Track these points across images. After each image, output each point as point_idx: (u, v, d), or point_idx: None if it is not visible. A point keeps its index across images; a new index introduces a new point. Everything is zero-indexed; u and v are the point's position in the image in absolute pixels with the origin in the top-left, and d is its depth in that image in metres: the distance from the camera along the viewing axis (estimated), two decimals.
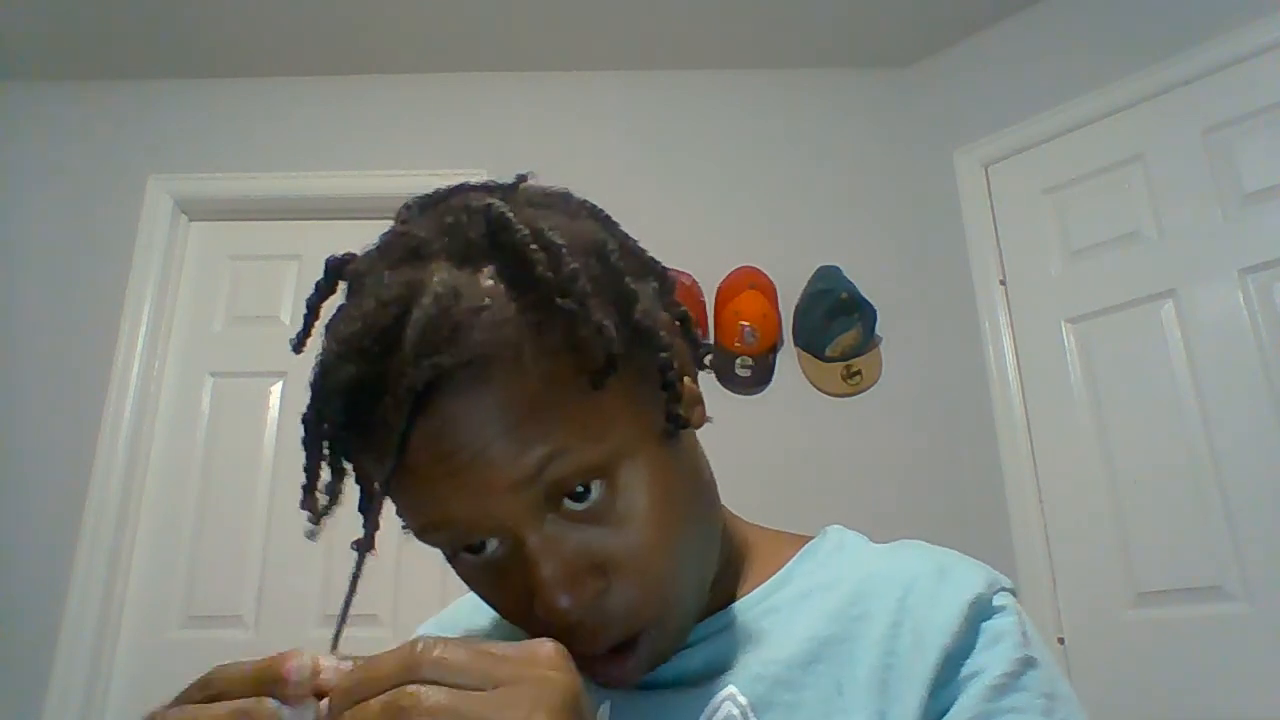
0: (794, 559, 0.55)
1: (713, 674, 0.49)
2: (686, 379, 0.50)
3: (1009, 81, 2.27)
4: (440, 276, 0.42)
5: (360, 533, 0.45)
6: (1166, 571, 1.80)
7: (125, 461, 2.11)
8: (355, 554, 0.43)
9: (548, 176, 0.53)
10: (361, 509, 0.48)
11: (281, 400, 2.23)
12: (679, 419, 0.46)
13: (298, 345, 0.48)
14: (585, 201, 0.51)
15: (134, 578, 2.08)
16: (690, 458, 0.49)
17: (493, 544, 0.44)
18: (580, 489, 0.43)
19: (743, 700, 0.47)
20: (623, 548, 0.44)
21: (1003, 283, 2.19)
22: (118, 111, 2.44)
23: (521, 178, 0.51)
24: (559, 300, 0.41)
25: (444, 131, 2.43)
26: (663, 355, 0.45)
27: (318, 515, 0.47)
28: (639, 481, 0.44)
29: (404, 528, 0.47)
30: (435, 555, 0.49)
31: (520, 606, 0.44)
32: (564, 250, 0.42)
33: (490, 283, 0.43)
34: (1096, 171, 2.08)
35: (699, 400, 0.51)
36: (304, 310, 0.48)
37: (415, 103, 2.45)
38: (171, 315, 2.30)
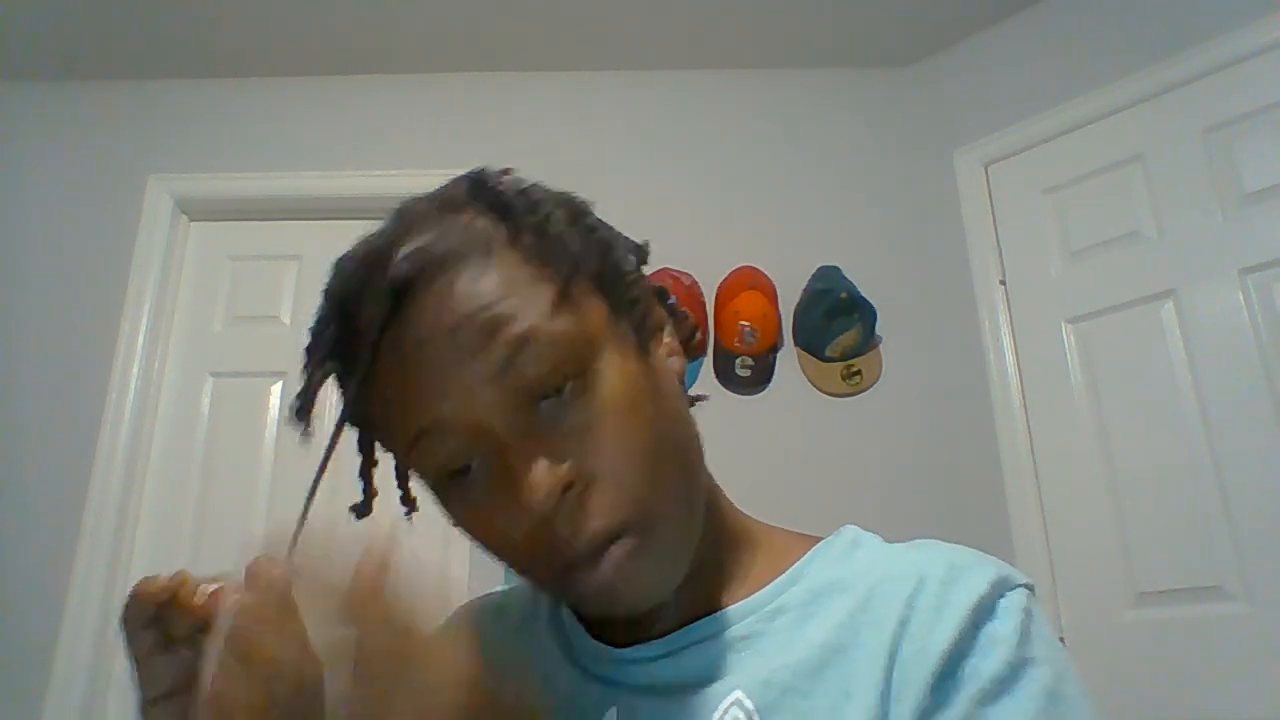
0: (804, 558, 0.53)
1: (719, 675, 0.48)
2: (667, 330, 0.54)
3: (1009, 81, 2.27)
4: (427, 213, 0.49)
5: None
6: (1166, 571, 1.80)
7: (125, 461, 2.11)
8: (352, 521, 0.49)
9: (547, 176, 0.53)
10: (361, 474, 0.53)
11: (281, 400, 2.23)
12: (645, 328, 0.50)
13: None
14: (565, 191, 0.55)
15: (134, 578, 2.07)
16: (670, 392, 0.50)
17: (475, 462, 0.45)
18: (554, 389, 0.44)
19: (749, 705, 0.46)
20: (599, 444, 0.45)
21: (1003, 283, 2.19)
22: (118, 111, 2.44)
23: (505, 171, 0.54)
24: (527, 217, 0.47)
25: (444, 131, 2.43)
26: (628, 275, 0.50)
27: (308, 420, 0.50)
28: (613, 383, 0.46)
29: (398, 483, 0.52)
30: (436, 558, 0.49)
31: (509, 530, 0.45)
32: (533, 189, 0.50)
33: (470, 213, 0.48)
34: (1096, 171, 2.08)
35: (677, 352, 0.54)
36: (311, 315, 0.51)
37: (415, 103, 2.45)
38: (171, 315, 2.30)
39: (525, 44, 2.40)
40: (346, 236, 0.52)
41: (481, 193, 0.50)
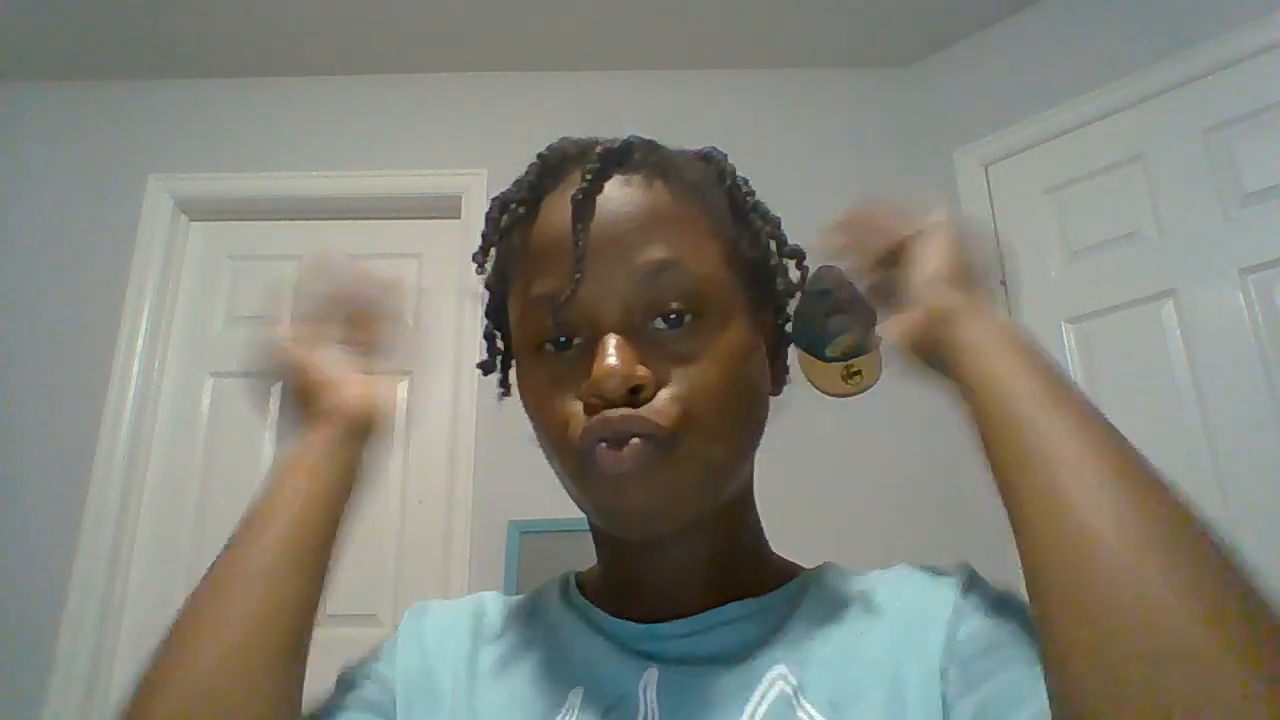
0: (807, 573, 0.57)
1: (756, 652, 0.49)
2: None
3: (1009, 81, 2.27)
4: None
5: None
6: None
7: (125, 461, 2.11)
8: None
9: None
10: (486, 335, 0.59)
11: (282, 400, 2.23)
12: (782, 307, 0.58)
13: (481, 255, 0.56)
14: None
15: (134, 578, 2.08)
16: (758, 379, 0.54)
17: (577, 341, 0.49)
18: (674, 316, 0.48)
19: (793, 680, 0.47)
20: (680, 375, 0.48)
21: (1003, 283, 2.18)
22: (118, 111, 2.44)
23: None
24: (735, 185, 0.56)
25: (444, 131, 2.43)
26: (784, 276, 0.58)
27: (493, 362, 0.59)
28: (721, 341, 0.49)
29: (502, 372, 0.59)
30: (436, 558, 0.49)
31: (564, 406, 0.49)
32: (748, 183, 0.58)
33: (695, 156, 0.58)
34: (1096, 171, 2.08)
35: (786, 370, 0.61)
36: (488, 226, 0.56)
37: (415, 103, 2.45)
38: (171, 315, 2.30)
39: (525, 44, 2.40)
40: (346, 237, 0.53)
41: (712, 153, 0.58)
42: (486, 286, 0.59)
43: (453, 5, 2.27)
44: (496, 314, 0.59)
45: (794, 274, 0.60)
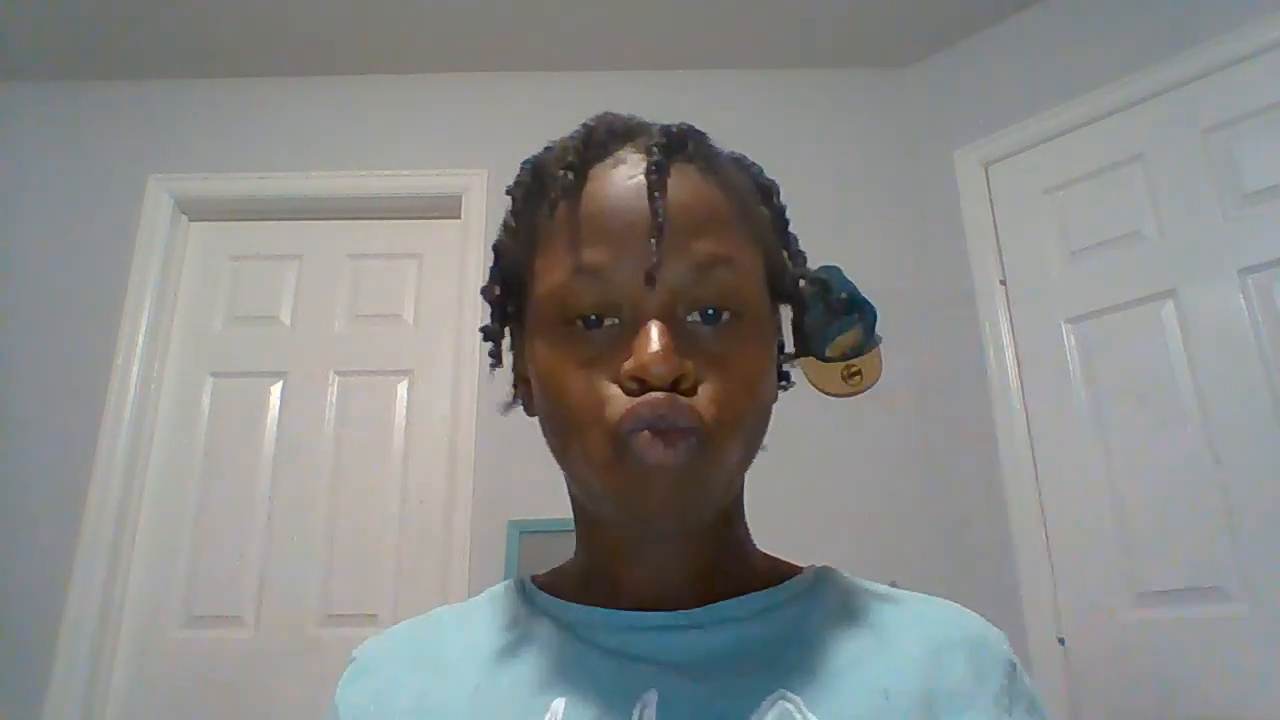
0: (806, 573, 0.56)
1: (758, 661, 0.48)
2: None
3: (1009, 81, 2.27)
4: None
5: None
6: (1166, 571, 1.80)
7: (125, 461, 2.11)
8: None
9: None
10: (494, 301, 0.56)
11: (281, 400, 2.23)
12: (794, 325, 0.59)
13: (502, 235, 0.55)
14: None
15: (134, 578, 2.08)
16: (774, 393, 0.55)
17: (610, 322, 0.48)
18: (712, 312, 0.48)
19: (795, 697, 0.46)
20: (717, 374, 0.47)
21: (1003, 283, 2.19)
22: (118, 111, 2.44)
23: None
24: (775, 198, 0.57)
25: (444, 131, 2.43)
26: (805, 295, 0.59)
27: (500, 332, 0.56)
28: (754, 343, 0.50)
29: (497, 334, 0.57)
30: (436, 558, 0.49)
31: (597, 386, 0.47)
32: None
33: (741, 163, 0.57)
34: (1096, 171, 2.09)
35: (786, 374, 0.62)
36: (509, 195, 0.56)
37: (415, 103, 2.46)
38: (171, 315, 2.30)
39: (525, 44, 2.41)
40: (346, 236, 0.52)
41: (750, 164, 0.57)
42: (496, 249, 0.56)
43: (453, 5, 2.27)
44: (508, 281, 0.56)
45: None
